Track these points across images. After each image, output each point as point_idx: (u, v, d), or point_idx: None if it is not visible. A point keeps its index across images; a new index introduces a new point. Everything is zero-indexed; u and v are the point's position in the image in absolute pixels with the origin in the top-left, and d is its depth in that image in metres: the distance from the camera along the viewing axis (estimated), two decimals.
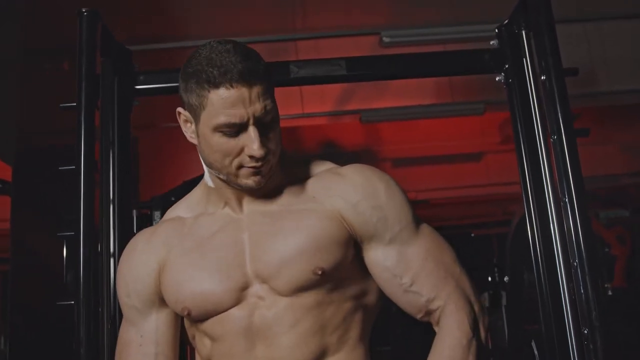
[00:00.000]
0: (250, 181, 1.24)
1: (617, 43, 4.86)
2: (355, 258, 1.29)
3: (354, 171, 1.32)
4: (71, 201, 1.58)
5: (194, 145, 1.32)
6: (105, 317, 1.58)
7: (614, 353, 1.44)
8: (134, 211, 2.44)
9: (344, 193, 1.28)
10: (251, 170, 1.22)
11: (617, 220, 4.83)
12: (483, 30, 4.23)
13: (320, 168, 1.37)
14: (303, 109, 5.01)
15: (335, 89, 4.88)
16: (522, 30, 1.76)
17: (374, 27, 4.63)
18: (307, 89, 4.75)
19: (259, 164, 1.21)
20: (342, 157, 1.36)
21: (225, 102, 1.18)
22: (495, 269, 4.28)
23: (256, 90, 1.19)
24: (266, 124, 1.22)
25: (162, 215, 3.59)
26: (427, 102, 4.93)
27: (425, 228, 1.32)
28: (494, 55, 1.83)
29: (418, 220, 1.32)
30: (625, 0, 4.79)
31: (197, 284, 1.26)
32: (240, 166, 1.22)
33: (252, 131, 1.19)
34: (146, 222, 3.55)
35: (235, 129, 1.20)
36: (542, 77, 1.61)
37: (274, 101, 1.24)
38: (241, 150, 1.21)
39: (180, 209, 1.41)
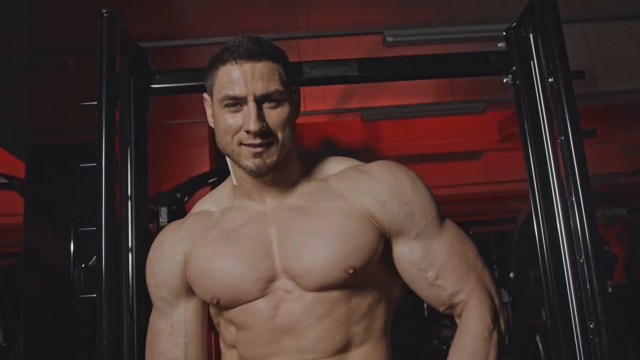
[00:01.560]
0: (250, 163, 1.27)
1: (615, 43, 4.92)
2: (382, 253, 1.32)
3: (380, 168, 1.36)
4: (83, 197, 1.62)
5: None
6: (125, 309, 1.63)
7: (618, 347, 1.49)
8: None
9: (372, 191, 1.31)
10: (251, 150, 1.26)
11: (616, 219, 4.88)
12: (485, 31, 4.30)
13: (343, 165, 1.40)
14: (305, 107, 5.04)
15: (337, 87, 4.92)
16: (529, 33, 1.80)
17: (377, 27, 4.67)
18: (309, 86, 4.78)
19: (257, 141, 1.25)
20: (343, 154, 1.41)
21: (228, 76, 1.26)
22: (495, 267, 4.32)
23: (260, 69, 1.25)
24: (270, 107, 1.26)
25: (168, 211, 3.66)
26: (429, 100, 4.98)
27: (449, 223, 1.36)
28: (502, 57, 1.87)
29: (442, 215, 1.36)
30: (624, 1, 4.83)
31: (225, 272, 1.30)
32: (240, 143, 1.27)
33: (251, 107, 1.24)
34: (152, 218, 3.60)
35: (237, 103, 1.25)
36: (550, 80, 1.65)
37: (285, 88, 1.27)
38: (241, 127, 1.26)
39: (208, 203, 1.45)
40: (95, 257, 1.68)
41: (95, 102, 1.66)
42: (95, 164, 1.61)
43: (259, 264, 1.28)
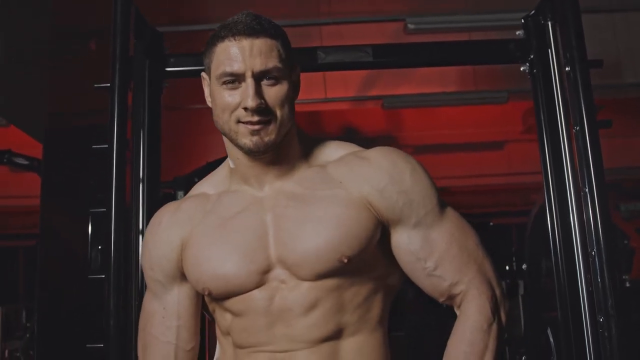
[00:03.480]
0: (248, 141, 1.24)
1: None
2: (380, 241, 1.29)
3: (379, 155, 1.32)
4: (100, 179, 1.63)
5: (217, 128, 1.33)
6: (133, 291, 1.64)
7: (629, 341, 1.47)
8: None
9: (370, 178, 1.28)
10: (249, 128, 1.23)
11: (638, 213, 4.80)
12: (508, 19, 4.23)
13: (343, 150, 1.36)
14: (326, 94, 5.03)
15: (358, 74, 4.89)
16: (548, 21, 1.77)
17: (399, 14, 4.63)
18: (330, 73, 4.75)
19: (255, 118, 1.22)
20: (363, 142, 1.39)
21: (226, 52, 1.23)
22: (514, 259, 4.29)
23: (259, 45, 1.23)
24: (269, 84, 1.24)
25: (185, 195, 3.67)
26: (450, 89, 4.93)
27: (450, 212, 1.32)
28: (519, 45, 1.85)
29: (443, 204, 1.32)
30: None
31: (219, 265, 1.28)
32: (238, 121, 1.24)
33: (249, 83, 1.22)
34: (169, 201, 3.61)
35: (235, 80, 1.23)
36: (567, 68, 1.63)
37: (284, 65, 1.25)
38: (239, 104, 1.23)
39: (206, 186, 1.42)
40: None
41: (108, 84, 1.67)
42: (106, 146, 1.63)
43: (254, 255, 1.26)
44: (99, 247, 3.29)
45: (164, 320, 1.36)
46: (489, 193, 7.36)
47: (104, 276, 1.57)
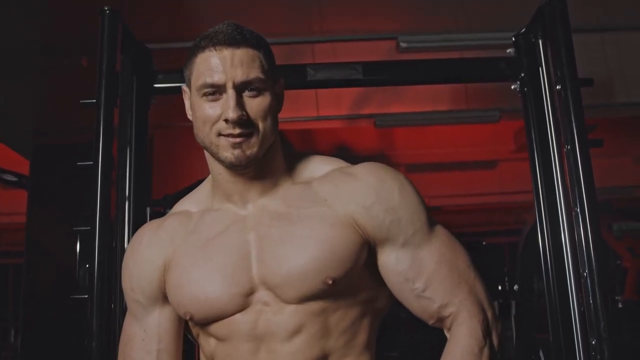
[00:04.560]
0: (229, 154, 1.20)
1: (635, 54, 4.84)
2: (367, 262, 1.25)
3: (366, 171, 1.28)
4: (87, 197, 1.60)
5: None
6: (117, 312, 1.60)
7: None
8: (147, 209, 2.45)
9: (357, 196, 1.24)
10: (230, 141, 1.20)
11: (630, 233, 4.79)
12: (501, 38, 4.22)
13: (328, 166, 1.33)
14: (318, 112, 5.01)
15: (350, 92, 4.88)
16: (538, 39, 1.77)
17: (392, 32, 4.63)
18: (322, 91, 4.74)
19: (236, 131, 1.19)
20: (356, 161, 1.36)
21: (207, 63, 1.21)
22: (506, 278, 4.27)
23: (240, 55, 1.20)
24: (251, 95, 1.21)
25: None
26: (443, 108, 4.92)
27: (439, 230, 1.28)
28: (510, 63, 1.84)
29: (432, 222, 1.28)
30: None
31: (200, 288, 1.24)
32: (219, 134, 1.21)
33: (230, 94, 1.19)
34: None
35: (216, 92, 1.20)
36: (557, 87, 1.61)
37: (266, 77, 1.22)
38: (220, 117, 1.20)
39: (188, 203, 1.38)
40: None
41: (94, 100, 1.65)
42: (91, 163, 1.60)
43: (237, 277, 1.22)
44: (87, 266, 3.26)
45: (144, 343, 1.32)
46: (482, 212, 7.35)
47: (87, 296, 1.53)
